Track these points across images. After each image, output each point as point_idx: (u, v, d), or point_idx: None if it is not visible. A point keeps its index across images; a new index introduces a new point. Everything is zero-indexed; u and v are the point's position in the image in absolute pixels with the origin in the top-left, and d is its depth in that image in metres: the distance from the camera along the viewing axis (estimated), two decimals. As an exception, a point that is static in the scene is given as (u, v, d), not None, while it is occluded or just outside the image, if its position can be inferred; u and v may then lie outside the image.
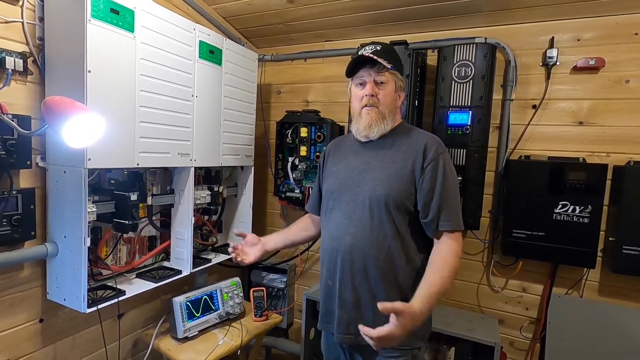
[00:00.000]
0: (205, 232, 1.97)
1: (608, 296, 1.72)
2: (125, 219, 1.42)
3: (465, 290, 1.98)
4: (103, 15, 1.23)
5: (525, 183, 1.71)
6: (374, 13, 1.90)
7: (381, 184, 1.13)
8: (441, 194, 1.10)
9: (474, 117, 1.73)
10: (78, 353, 1.57)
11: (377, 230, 1.12)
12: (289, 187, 2.18)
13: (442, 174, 1.11)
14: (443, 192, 1.10)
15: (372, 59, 1.12)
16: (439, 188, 1.10)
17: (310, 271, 2.38)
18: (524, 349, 1.89)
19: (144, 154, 1.42)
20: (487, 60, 1.69)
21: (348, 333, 1.17)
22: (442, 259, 1.09)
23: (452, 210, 1.11)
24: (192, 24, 1.60)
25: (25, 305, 1.37)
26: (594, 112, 1.70)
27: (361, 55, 1.15)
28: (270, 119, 2.44)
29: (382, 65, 1.13)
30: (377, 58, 1.12)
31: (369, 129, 1.17)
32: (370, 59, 1.13)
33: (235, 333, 1.76)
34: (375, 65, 1.13)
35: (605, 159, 1.68)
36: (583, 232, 1.61)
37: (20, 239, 1.28)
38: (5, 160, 1.18)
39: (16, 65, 1.23)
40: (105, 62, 1.25)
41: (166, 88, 1.49)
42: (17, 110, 1.25)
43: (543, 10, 1.70)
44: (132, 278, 1.60)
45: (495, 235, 1.88)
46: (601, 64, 1.65)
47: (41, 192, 1.35)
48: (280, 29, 2.19)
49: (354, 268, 1.14)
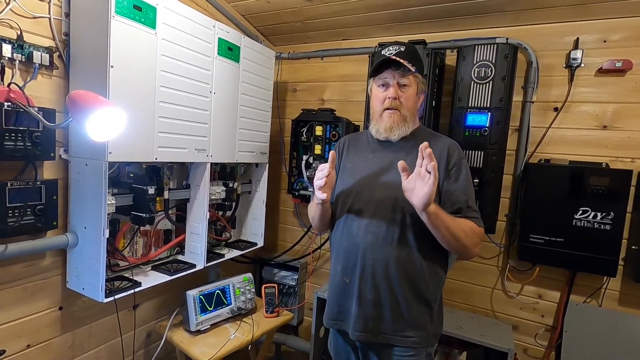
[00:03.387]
0: (219, 228, 2.00)
1: (629, 306, 1.66)
2: (143, 212, 1.45)
3: (479, 294, 1.95)
4: (126, 12, 1.26)
5: (545, 187, 1.66)
6: (392, 12, 1.88)
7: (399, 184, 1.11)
8: (467, 193, 1.14)
9: (492, 118, 1.69)
10: (94, 341, 1.61)
11: (400, 231, 1.13)
12: (302, 185, 2.18)
13: (465, 178, 1.14)
14: (469, 192, 1.14)
15: (396, 61, 1.12)
16: (465, 188, 1.14)
17: (322, 270, 2.39)
18: (538, 356, 1.84)
19: (162, 148, 1.44)
20: (508, 61, 1.66)
21: (365, 330, 1.17)
22: (467, 223, 1.10)
23: (475, 207, 1.15)
24: (212, 21, 1.61)
25: (46, 293, 1.41)
26: (619, 116, 1.65)
27: (387, 57, 1.14)
28: (286, 117, 2.45)
29: (407, 68, 1.12)
30: (402, 60, 1.11)
31: (389, 131, 1.17)
32: (395, 60, 1.12)
33: (246, 328, 1.78)
34: (400, 68, 1.13)
35: (630, 164, 1.63)
36: (604, 239, 1.56)
37: (43, 229, 1.32)
38: (31, 151, 1.21)
39: (43, 60, 1.27)
40: (127, 57, 1.28)
41: (185, 84, 1.52)
42: (42, 103, 1.29)
43: (568, 10, 1.65)
44: (148, 270, 1.63)
45: (511, 240, 1.85)
46: (628, 66, 1.60)
47: (63, 183, 1.39)
48: (298, 27, 2.19)
49: (376, 267, 1.15)
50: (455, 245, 1.08)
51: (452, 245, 1.09)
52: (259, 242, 2.14)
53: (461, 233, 1.07)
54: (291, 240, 2.45)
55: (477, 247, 1.12)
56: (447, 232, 1.05)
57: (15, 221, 1.21)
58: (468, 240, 1.08)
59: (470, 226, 1.10)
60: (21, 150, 1.18)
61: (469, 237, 1.08)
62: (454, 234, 1.05)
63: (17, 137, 1.17)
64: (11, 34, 1.21)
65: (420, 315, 1.15)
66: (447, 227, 1.04)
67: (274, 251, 2.51)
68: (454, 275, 1.98)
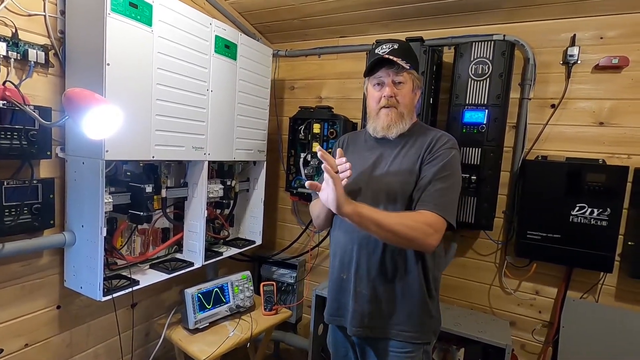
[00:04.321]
0: (217, 226, 1.99)
1: (625, 302, 1.68)
2: (140, 211, 1.44)
3: (477, 291, 1.96)
4: (122, 9, 1.25)
5: (542, 184, 1.67)
6: (389, 9, 1.88)
7: (397, 179, 1.13)
8: (435, 175, 1.08)
9: (490, 115, 1.70)
10: (93, 340, 1.61)
11: None
12: (300, 183, 2.18)
13: (443, 163, 1.09)
14: (438, 175, 1.08)
15: (390, 59, 1.12)
16: (434, 170, 1.09)
17: (320, 267, 2.39)
18: (535, 352, 1.86)
19: (159, 146, 1.44)
20: (505, 57, 1.66)
21: (362, 326, 1.17)
22: (411, 216, 1.04)
23: (438, 194, 1.07)
24: (209, 19, 1.61)
25: (44, 292, 1.41)
26: (615, 113, 1.66)
27: (380, 56, 1.14)
28: (283, 115, 2.44)
29: (401, 66, 1.12)
30: (395, 59, 1.11)
31: (387, 129, 1.17)
32: (389, 59, 1.12)
33: (245, 326, 1.78)
34: (394, 66, 1.13)
35: (626, 161, 1.64)
36: (601, 236, 1.57)
37: (40, 228, 1.31)
38: (27, 150, 1.21)
39: (38, 58, 1.26)
40: (123, 55, 1.27)
41: (182, 82, 1.51)
42: (38, 101, 1.29)
43: (564, 7, 1.65)
44: (146, 268, 1.63)
45: (508, 237, 1.85)
46: (625, 62, 1.60)
47: (60, 182, 1.38)
48: (295, 25, 2.18)
49: (371, 262, 1.15)
50: (398, 240, 1.03)
51: (393, 240, 1.04)
52: (257, 240, 2.14)
53: (400, 227, 1.00)
54: (289, 238, 2.45)
55: (430, 238, 1.02)
56: (378, 229, 0.99)
57: (12, 220, 1.20)
58: (413, 233, 1.01)
59: (416, 217, 1.03)
60: (17, 148, 1.18)
61: (414, 230, 1.01)
62: (391, 230, 0.99)
63: (13, 135, 1.16)
64: (6, 31, 1.20)
65: (416, 310, 1.15)
66: (378, 224, 0.98)
67: (272, 249, 2.51)
68: (452, 271, 1.99)
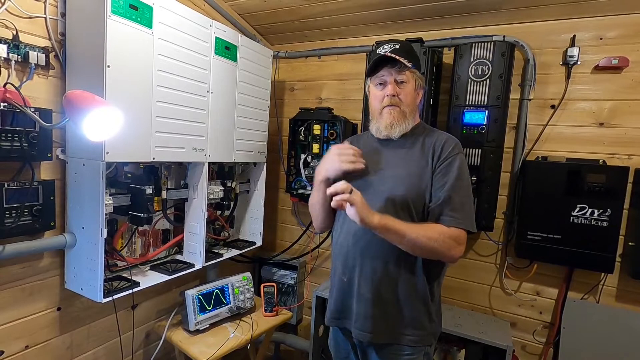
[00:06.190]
0: (217, 227, 2.00)
1: (626, 302, 1.67)
2: (141, 212, 1.44)
3: (477, 292, 1.96)
4: (123, 11, 1.25)
5: (542, 184, 1.67)
6: (389, 10, 1.88)
7: (402, 181, 1.13)
8: (451, 187, 1.09)
9: (490, 116, 1.70)
10: (93, 342, 1.61)
11: None
12: (300, 184, 2.19)
13: (456, 172, 1.10)
14: (454, 186, 1.09)
15: (392, 58, 1.12)
16: (449, 182, 1.09)
17: (321, 268, 2.39)
18: (536, 353, 1.85)
19: (159, 148, 1.44)
20: (505, 58, 1.66)
21: (365, 330, 1.17)
22: (435, 228, 1.06)
23: (458, 206, 1.08)
24: (209, 21, 1.61)
25: (44, 294, 1.41)
26: (615, 113, 1.66)
27: (382, 55, 1.14)
28: (284, 116, 2.45)
29: (403, 65, 1.12)
30: (397, 57, 1.11)
31: (390, 128, 1.16)
32: (390, 58, 1.12)
33: (245, 327, 1.78)
34: (396, 65, 1.13)
35: (627, 161, 1.64)
36: (601, 236, 1.57)
37: (41, 229, 1.31)
38: (27, 152, 1.21)
39: (39, 60, 1.26)
40: (123, 57, 1.27)
41: (182, 84, 1.51)
42: (39, 103, 1.29)
43: (564, 7, 1.65)
44: (146, 270, 1.63)
45: (509, 237, 1.85)
46: (624, 63, 1.61)
47: (61, 183, 1.38)
48: (295, 26, 2.19)
49: (375, 265, 1.14)
50: (421, 252, 1.06)
51: (417, 252, 1.07)
52: (258, 242, 2.14)
53: (424, 240, 1.03)
54: (290, 239, 2.45)
55: (454, 250, 1.05)
56: (403, 240, 1.03)
57: (13, 222, 1.20)
58: (437, 245, 1.04)
59: (441, 230, 1.05)
60: (18, 150, 1.18)
61: (437, 242, 1.03)
62: (415, 242, 1.03)
63: (14, 137, 1.17)
64: (7, 34, 1.20)
65: (419, 313, 1.15)
66: (403, 236, 1.02)
67: (272, 250, 2.51)
68: (453, 273, 1.99)
